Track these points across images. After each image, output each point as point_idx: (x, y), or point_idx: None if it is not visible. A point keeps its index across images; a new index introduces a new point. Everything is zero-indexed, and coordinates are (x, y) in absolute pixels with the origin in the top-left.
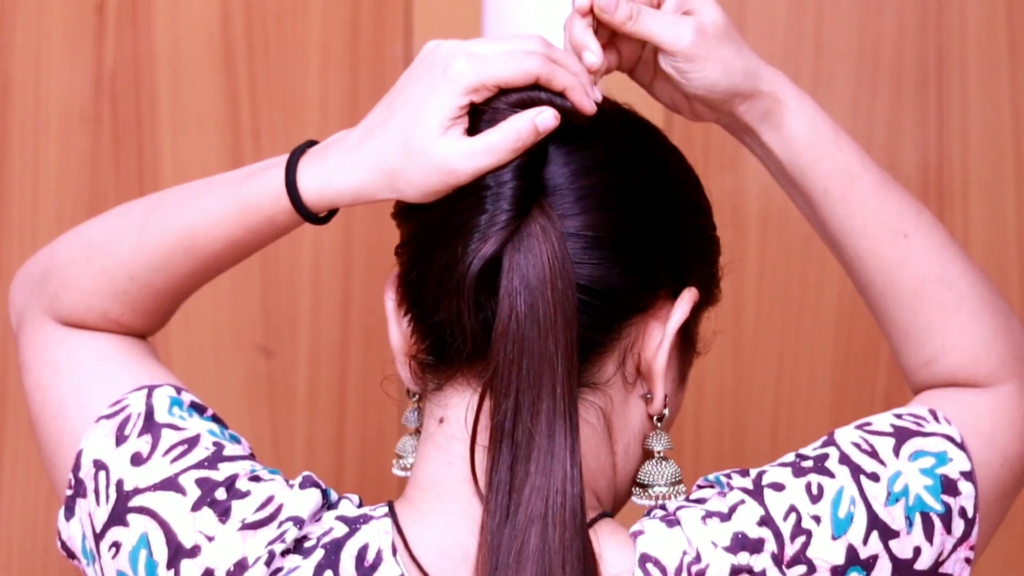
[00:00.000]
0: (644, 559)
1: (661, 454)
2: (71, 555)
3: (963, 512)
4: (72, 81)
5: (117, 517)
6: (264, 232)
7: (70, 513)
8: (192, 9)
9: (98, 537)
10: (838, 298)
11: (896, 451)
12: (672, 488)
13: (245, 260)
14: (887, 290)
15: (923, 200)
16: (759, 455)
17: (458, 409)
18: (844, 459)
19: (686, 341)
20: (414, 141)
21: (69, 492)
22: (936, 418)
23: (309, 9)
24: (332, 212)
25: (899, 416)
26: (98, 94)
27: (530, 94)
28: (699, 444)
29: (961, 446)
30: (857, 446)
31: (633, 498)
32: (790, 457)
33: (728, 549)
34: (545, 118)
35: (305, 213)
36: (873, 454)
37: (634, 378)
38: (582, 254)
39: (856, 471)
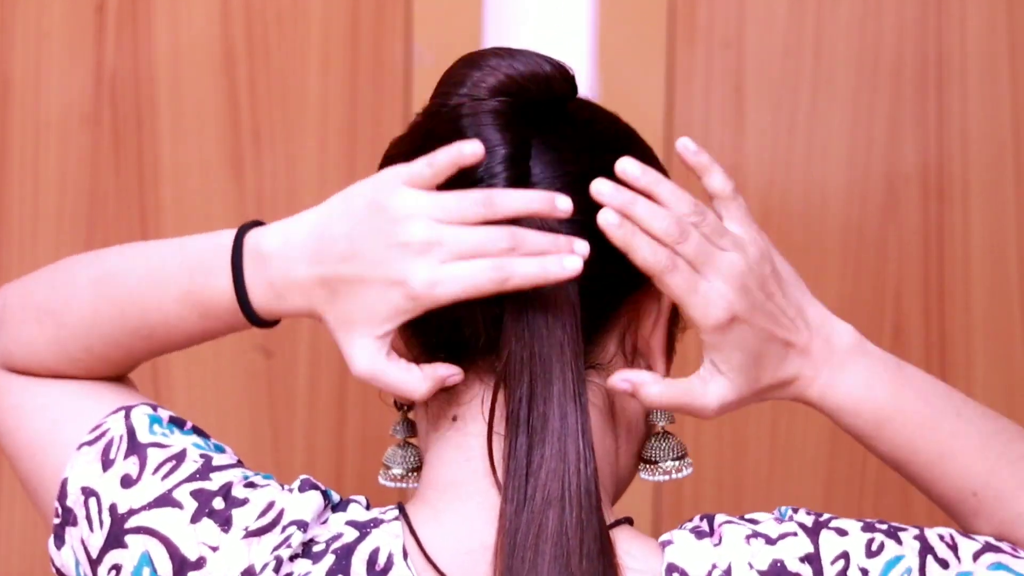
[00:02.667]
0: (671, 568)
1: (664, 429)
2: None
3: None
4: (72, 81)
5: (114, 540)
6: (220, 330)
7: (60, 541)
8: (192, 9)
9: (95, 563)
10: (838, 298)
11: (976, 556)
12: (678, 462)
13: None
14: (964, 525)
15: (923, 200)
16: (759, 455)
17: (471, 405)
18: (920, 538)
19: (673, 315)
20: (352, 333)
21: (57, 520)
22: None
23: (309, 9)
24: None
25: (999, 539)
26: (98, 94)
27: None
28: (699, 444)
29: None
30: (941, 537)
31: (641, 474)
32: (871, 519)
33: (763, 573)
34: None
35: (260, 323)
36: (953, 548)
37: (632, 356)
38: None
39: (926, 550)
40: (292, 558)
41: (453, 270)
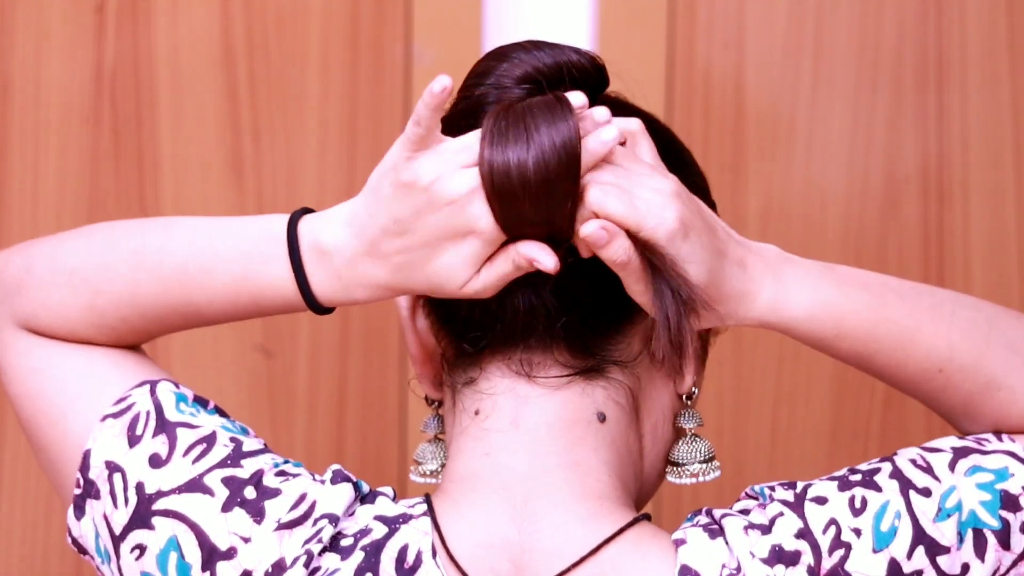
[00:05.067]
0: (684, 571)
1: (692, 431)
2: (83, 551)
3: None
4: (72, 81)
5: (140, 520)
6: (270, 311)
7: (80, 512)
8: (192, 9)
9: (117, 539)
10: None
11: (952, 466)
12: (706, 465)
13: None
14: (933, 405)
15: (923, 200)
16: (759, 454)
17: (493, 398)
18: (895, 474)
19: None
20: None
21: (78, 491)
22: (999, 438)
23: (309, 9)
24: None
25: (961, 438)
26: (98, 94)
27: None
28: None
29: None
30: (913, 462)
31: (668, 477)
32: (842, 472)
33: (765, 561)
34: (544, 263)
35: (320, 310)
36: (927, 469)
37: (661, 357)
38: None
39: (906, 485)
40: (321, 552)
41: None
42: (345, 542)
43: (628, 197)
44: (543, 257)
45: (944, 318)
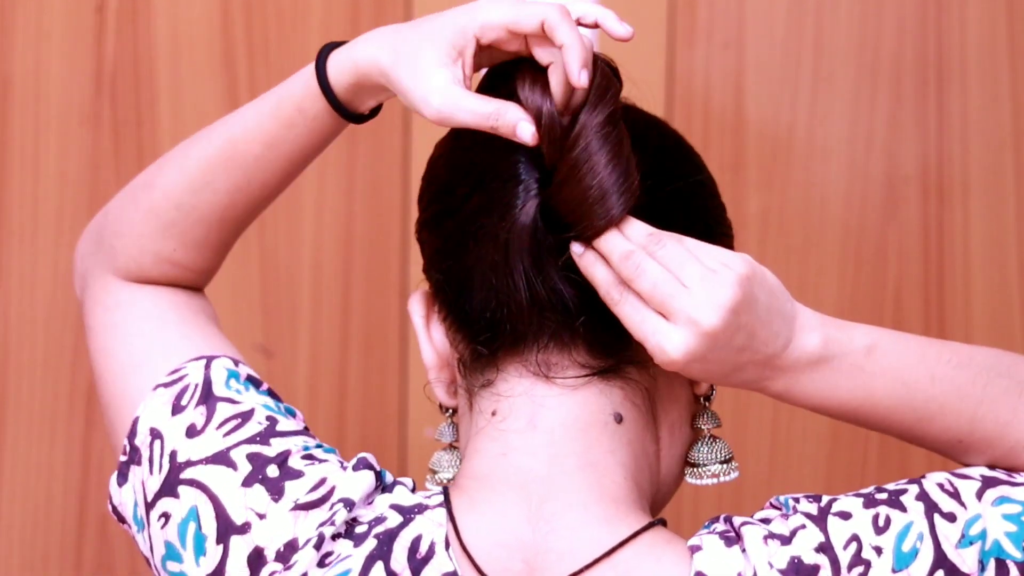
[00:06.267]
0: None
1: (710, 432)
2: (121, 519)
3: None
4: (72, 81)
5: (168, 488)
6: (298, 126)
7: (123, 479)
8: (192, 9)
9: (148, 506)
10: (838, 297)
11: (979, 494)
12: (725, 466)
13: (245, 260)
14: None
15: (923, 200)
16: (759, 455)
17: (510, 400)
18: (922, 496)
19: None
20: (423, 50)
21: (123, 458)
22: None
23: (309, 9)
24: (363, 116)
25: (992, 468)
26: (98, 94)
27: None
28: None
29: None
30: (940, 486)
31: (688, 478)
32: (869, 489)
33: (783, 572)
34: (523, 129)
35: (328, 91)
36: (955, 495)
37: None
38: None
39: (931, 508)
40: (335, 537)
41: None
42: (359, 529)
43: (649, 312)
44: (525, 127)
45: (974, 395)
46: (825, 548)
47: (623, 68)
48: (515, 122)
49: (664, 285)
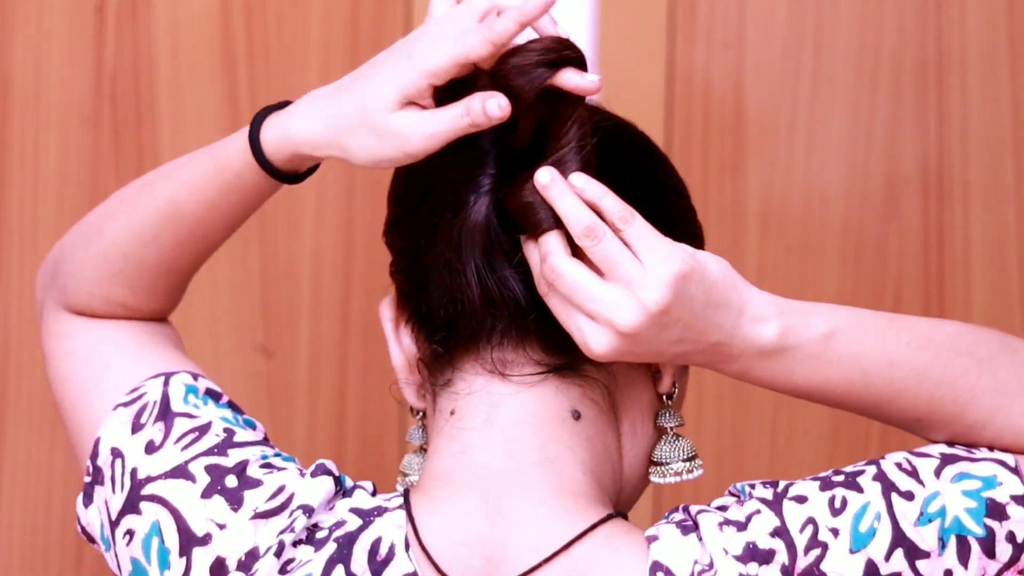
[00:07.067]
0: (655, 567)
1: (673, 431)
2: (91, 539)
3: (1011, 536)
4: (72, 81)
5: (131, 505)
6: (236, 191)
7: (88, 500)
8: (192, 9)
9: (113, 524)
10: (838, 297)
11: (938, 472)
12: (689, 463)
13: (244, 261)
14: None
15: (923, 200)
16: (759, 455)
17: (468, 398)
18: (879, 476)
19: None
20: (368, 112)
21: (88, 479)
22: (991, 448)
23: (309, 9)
24: (298, 176)
25: (951, 444)
26: (98, 94)
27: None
28: (699, 445)
29: (1015, 471)
30: (898, 465)
31: (652, 477)
32: (826, 472)
33: (739, 558)
34: (491, 105)
35: (265, 164)
36: (913, 473)
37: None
38: None
39: (889, 488)
40: (296, 543)
41: (446, 33)
42: (320, 534)
43: (574, 309)
44: (492, 103)
45: (932, 377)
46: (780, 532)
47: (624, 68)
48: (482, 103)
49: (580, 291)
